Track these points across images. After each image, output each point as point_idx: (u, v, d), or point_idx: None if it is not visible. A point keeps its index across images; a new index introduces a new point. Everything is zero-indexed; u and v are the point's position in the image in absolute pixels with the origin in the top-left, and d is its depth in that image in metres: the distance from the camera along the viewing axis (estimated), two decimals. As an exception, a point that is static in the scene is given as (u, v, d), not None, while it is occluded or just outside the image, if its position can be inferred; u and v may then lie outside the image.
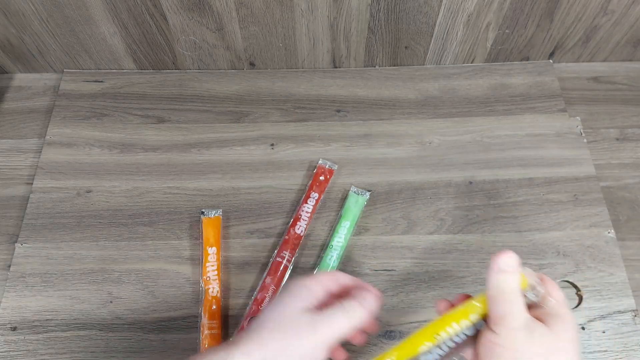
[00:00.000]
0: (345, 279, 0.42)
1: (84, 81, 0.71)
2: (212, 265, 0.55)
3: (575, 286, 0.56)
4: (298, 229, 0.58)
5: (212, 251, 0.56)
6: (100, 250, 0.58)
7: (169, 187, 0.62)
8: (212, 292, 0.54)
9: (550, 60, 0.73)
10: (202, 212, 0.59)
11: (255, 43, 0.67)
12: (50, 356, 0.52)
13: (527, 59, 0.72)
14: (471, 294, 0.38)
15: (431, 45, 0.69)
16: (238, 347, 0.35)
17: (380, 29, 0.66)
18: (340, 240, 0.57)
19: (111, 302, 0.55)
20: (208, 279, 0.54)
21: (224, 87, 0.71)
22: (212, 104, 0.69)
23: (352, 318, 0.37)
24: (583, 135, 0.66)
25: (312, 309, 0.37)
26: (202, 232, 0.57)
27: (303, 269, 0.57)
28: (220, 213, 0.59)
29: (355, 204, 0.60)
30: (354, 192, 0.61)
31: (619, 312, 0.54)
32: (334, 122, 0.67)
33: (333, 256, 0.56)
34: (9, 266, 0.57)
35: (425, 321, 0.54)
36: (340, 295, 0.41)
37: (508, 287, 0.33)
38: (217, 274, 0.55)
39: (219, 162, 0.64)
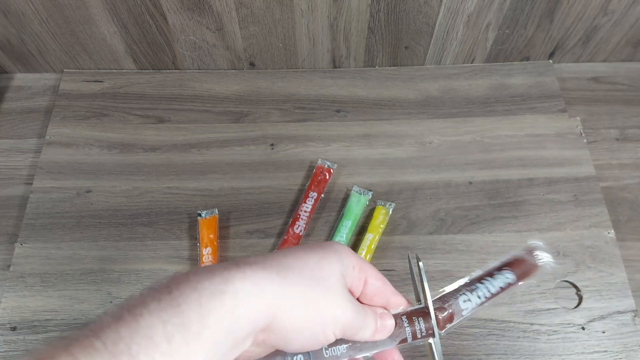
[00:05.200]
0: (393, 291, 0.33)
1: (83, 81, 0.71)
2: None
3: (575, 286, 0.56)
4: (297, 228, 0.58)
5: (206, 252, 0.56)
6: (100, 250, 0.58)
7: (169, 187, 0.62)
8: None
9: (550, 61, 0.73)
10: (200, 214, 0.58)
11: (255, 43, 0.67)
12: (50, 356, 0.52)
13: (527, 59, 0.72)
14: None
15: (431, 45, 0.69)
16: (241, 271, 0.25)
17: (380, 29, 0.66)
18: (341, 239, 0.57)
19: (111, 302, 0.55)
20: None
21: (224, 87, 0.71)
22: (212, 104, 0.69)
23: (363, 330, 0.30)
24: (583, 135, 0.66)
25: (347, 283, 0.30)
26: (198, 234, 0.57)
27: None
28: (216, 212, 0.59)
29: (357, 203, 0.60)
30: (356, 191, 0.61)
31: (619, 312, 0.54)
32: (334, 122, 0.67)
33: None
34: (9, 266, 0.57)
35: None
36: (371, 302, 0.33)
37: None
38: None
39: (218, 162, 0.64)
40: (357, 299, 0.32)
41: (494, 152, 0.65)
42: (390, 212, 0.59)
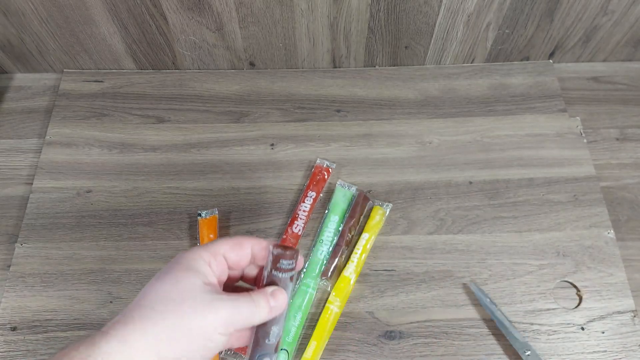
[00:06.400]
0: (252, 245, 0.35)
1: (83, 81, 0.71)
2: None
3: (575, 286, 0.56)
4: (295, 227, 0.58)
5: None
6: (100, 250, 0.58)
7: (169, 187, 0.62)
8: None
9: (550, 60, 0.73)
10: (200, 214, 0.59)
11: (255, 43, 0.67)
12: (50, 356, 0.52)
13: (527, 59, 0.72)
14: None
15: (431, 45, 0.69)
16: (107, 335, 0.28)
17: (380, 29, 0.66)
18: (329, 234, 0.57)
19: (111, 302, 0.55)
20: None
21: (224, 87, 0.71)
22: (212, 104, 0.69)
23: (257, 314, 0.33)
24: (583, 135, 0.66)
25: (213, 286, 0.32)
26: (198, 234, 0.57)
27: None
28: (216, 212, 0.59)
29: (343, 197, 0.60)
30: (341, 185, 0.61)
31: (619, 312, 0.54)
32: (334, 122, 0.67)
33: (324, 251, 0.56)
34: (9, 266, 0.57)
35: (425, 321, 0.54)
36: (244, 265, 0.35)
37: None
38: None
39: (218, 162, 0.64)
40: (243, 281, 0.36)
41: (494, 152, 0.65)
42: (388, 213, 0.59)
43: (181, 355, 0.29)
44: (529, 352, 0.50)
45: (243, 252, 0.34)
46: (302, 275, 0.56)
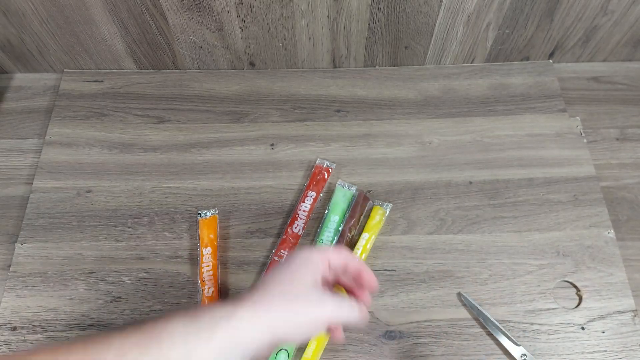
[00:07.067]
0: (351, 261, 0.42)
1: (84, 81, 0.71)
2: (207, 266, 0.55)
3: (575, 286, 0.56)
4: (295, 227, 0.58)
5: (206, 252, 0.56)
6: (100, 250, 0.58)
7: (169, 187, 0.62)
8: (208, 292, 0.54)
9: (550, 60, 0.73)
10: (200, 214, 0.59)
11: (255, 43, 0.67)
12: (50, 356, 0.52)
13: (527, 59, 0.72)
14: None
15: (431, 45, 0.69)
16: (244, 306, 0.36)
17: (380, 29, 0.66)
18: (329, 234, 0.57)
19: (111, 302, 0.55)
20: (204, 279, 0.54)
21: (224, 87, 0.71)
22: (212, 104, 0.69)
23: (351, 315, 0.41)
24: (583, 135, 0.66)
25: (319, 285, 0.40)
26: (198, 234, 0.58)
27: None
28: (217, 212, 0.59)
29: (343, 197, 0.60)
30: (341, 185, 0.61)
31: (619, 312, 0.54)
32: (334, 122, 0.67)
33: None
34: (9, 266, 0.57)
35: (425, 321, 0.54)
36: (340, 274, 0.43)
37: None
38: (213, 274, 0.55)
39: (218, 162, 0.64)
40: (345, 286, 0.44)
41: (494, 152, 0.65)
42: (388, 213, 0.59)
43: (288, 336, 0.37)
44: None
45: (341, 257, 0.41)
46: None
